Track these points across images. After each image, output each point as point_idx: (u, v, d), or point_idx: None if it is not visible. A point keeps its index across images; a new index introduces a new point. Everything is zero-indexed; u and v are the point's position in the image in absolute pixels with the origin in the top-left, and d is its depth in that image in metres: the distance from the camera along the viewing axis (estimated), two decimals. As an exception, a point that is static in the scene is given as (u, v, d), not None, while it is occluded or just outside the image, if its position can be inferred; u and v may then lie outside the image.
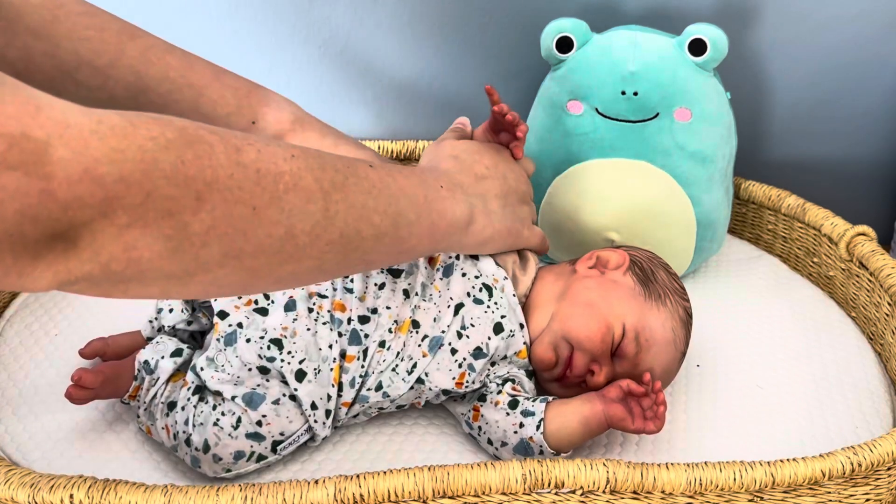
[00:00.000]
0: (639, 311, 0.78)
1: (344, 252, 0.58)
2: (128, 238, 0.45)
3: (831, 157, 1.14)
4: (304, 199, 0.54)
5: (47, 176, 0.41)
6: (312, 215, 0.55)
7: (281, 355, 0.73)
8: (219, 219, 0.49)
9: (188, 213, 0.47)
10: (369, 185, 0.60)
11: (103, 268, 0.46)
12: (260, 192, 0.51)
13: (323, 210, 0.55)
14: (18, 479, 0.65)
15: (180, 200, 0.47)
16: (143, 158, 0.45)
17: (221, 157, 0.49)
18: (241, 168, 0.50)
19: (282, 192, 0.52)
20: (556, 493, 0.67)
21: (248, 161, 0.51)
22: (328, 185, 0.56)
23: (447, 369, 0.76)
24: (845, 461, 0.68)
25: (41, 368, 0.85)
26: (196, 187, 0.47)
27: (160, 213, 0.46)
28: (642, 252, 0.86)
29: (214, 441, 0.71)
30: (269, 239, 0.52)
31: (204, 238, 0.49)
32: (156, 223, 0.46)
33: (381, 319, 0.76)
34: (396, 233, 0.63)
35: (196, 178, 0.47)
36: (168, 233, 0.47)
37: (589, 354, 0.77)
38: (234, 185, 0.49)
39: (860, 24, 1.03)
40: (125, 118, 0.45)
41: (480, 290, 0.78)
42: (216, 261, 0.50)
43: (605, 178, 0.93)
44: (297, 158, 0.54)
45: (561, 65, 0.92)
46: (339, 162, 0.58)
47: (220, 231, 0.49)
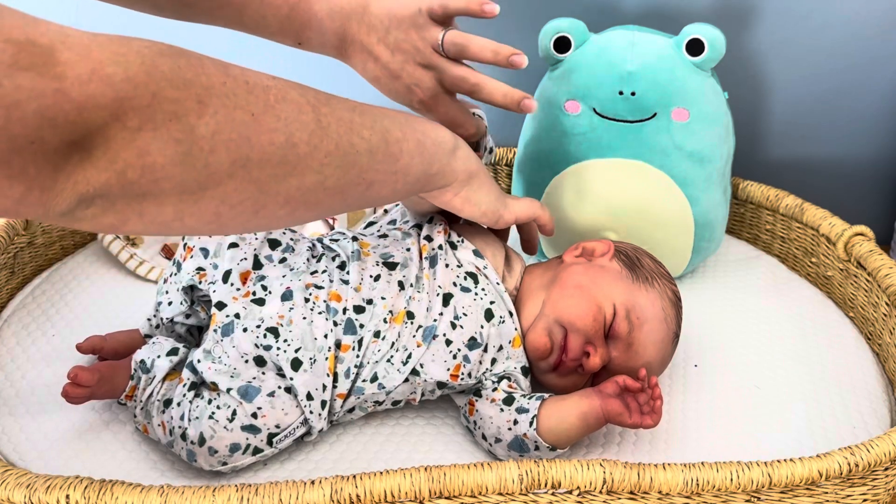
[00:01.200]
0: (627, 291, 0.80)
1: (343, 166, 0.61)
2: (140, 143, 0.47)
3: (830, 158, 1.14)
4: (296, 109, 0.57)
5: (59, 76, 0.43)
6: (307, 125, 0.57)
7: (277, 343, 0.74)
8: (222, 123, 0.51)
9: (193, 116, 0.49)
10: (352, 104, 0.63)
11: (119, 176, 0.47)
12: (254, 101, 0.54)
13: (315, 120, 0.58)
14: (15, 480, 0.65)
15: (184, 103, 0.49)
16: (144, 61, 0.47)
17: (211, 68, 0.52)
18: (231, 78, 0.53)
19: (273, 101, 0.55)
20: (552, 494, 0.67)
21: (237, 73, 0.54)
22: (314, 100, 0.59)
23: (442, 360, 0.76)
24: (842, 461, 0.68)
25: (38, 369, 0.85)
26: (195, 91, 0.50)
27: (167, 115, 0.48)
28: (626, 244, 0.88)
29: (210, 434, 0.71)
30: (271, 147, 0.55)
31: (211, 142, 0.51)
32: (164, 126, 0.48)
33: (376, 310, 0.76)
34: (388, 149, 0.65)
35: (194, 82, 0.50)
36: (178, 136, 0.49)
37: (583, 336, 0.77)
38: (229, 91, 0.52)
39: (858, 24, 1.03)
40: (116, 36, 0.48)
41: (465, 279, 0.79)
42: (225, 170, 0.52)
43: (602, 178, 0.93)
44: (278, 80, 0.57)
45: (558, 65, 0.92)
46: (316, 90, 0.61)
47: (224, 136, 0.51)
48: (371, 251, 0.81)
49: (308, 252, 0.81)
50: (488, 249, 0.83)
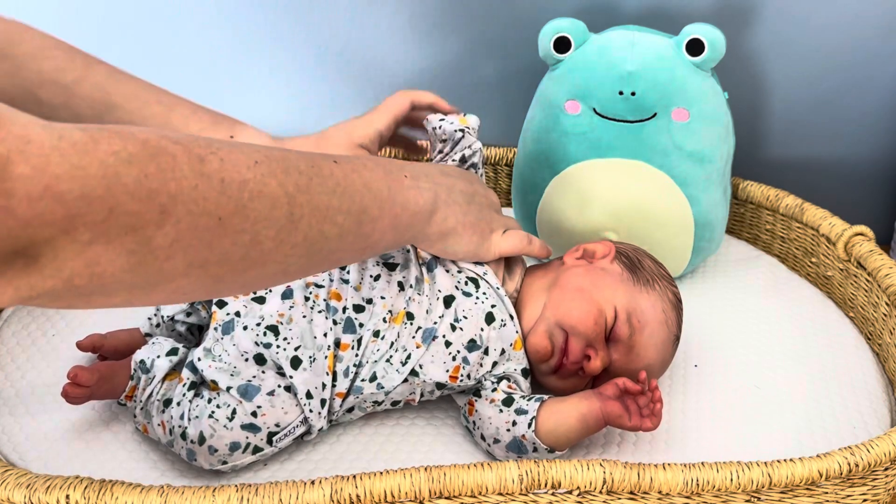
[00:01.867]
0: (628, 294, 0.79)
1: (308, 254, 0.58)
2: (90, 254, 0.45)
3: (830, 157, 1.14)
4: (269, 205, 0.54)
5: (7, 192, 0.41)
6: (277, 221, 0.55)
7: (277, 341, 0.74)
8: (183, 231, 0.49)
9: (152, 228, 0.47)
10: (333, 183, 0.60)
11: (66, 283, 0.45)
12: (225, 202, 0.51)
13: (288, 215, 0.55)
14: (15, 480, 0.65)
15: (144, 215, 0.46)
16: (105, 174, 0.44)
17: (185, 169, 0.49)
18: (204, 179, 0.50)
19: (247, 200, 0.52)
20: (552, 494, 0.67)
21: (212, 171, 0.50)
22: (292, 189, 0.56)
23: (441, 362, 0.76)
24: (842, 461, 0.68)
25: (38, 369, 0.85)
26: (160, 200, 0.47)
27: (123, 228, 0.46)
28: (627, 245, 0.88)
29: (210, 433, 0.71)
30: (234, 247, 0.52)
31: (168, 251, 0.48)
32: (119, 239, 0.46)
33: (376, 309, 0.77)
34: (359, 230, 0.63)
35: (159, 192, 0.47)
36: (131, 247, 0.47)
37: (584, 339, 0.77)
38: (198, 196, 0.49)
39: (858, 24, 1.03)
40: (87, 133, 0.45)
41: (467, 284, 0.79)
42: (180, 271, 0.50)
43: (602, 178, 0.93)
44: (260, 165, 0.54)
45: (559, 65, 0.92)
46: (302, 162, 0.58)
47: (184, 243, 0.49)
48: (371, 252, 0.81)
49: None
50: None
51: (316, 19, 1.09)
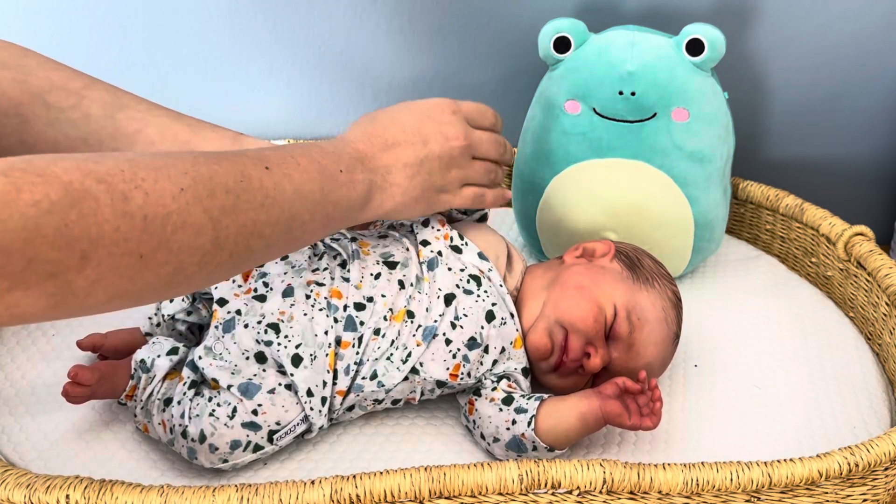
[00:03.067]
0: (628, 292, 0.80)
1: (233, 266, 0.59)
2: (9, 299, 0.46)
3: (830, 157, 1.14)
4: (194, 234, 0.54)
5: None
6: (202, 247, 0.55)
7: (278, 339, 0.74)
8: (104, 272, 0.49)
9: (72, 272, 0.48)
10: (262, 196, 0.60)
11: None
12: (147, 239, 0.51)
13: (213, 240, 0.55)
14: (14, 480, 0.65)
15: (64, 262, 0.47)
16: (25, 227, 0.45)
17: (107, 212, 0.49)
18: (127, 219, 0.50)
19: (170, 233, 0.52)
20: (552, 494, 0.67)
21: (135, 209, 0.50)
22: (218, 213, 0.56)
23: (441, 360, 0.76)
24: (842, 461, 0.68)
25: (38, 369, 0.85)
26: (81, 247, 0.47)
27: (43, 275, 0.46)
28: (627, 244, 0.88)
29: (210, 431, 0.71)
30: (156, 279, 0.53)
31: (88, 290, 0.49)
32: (38, 285, 0.46)
33: (377, 307, 0.77)
34: (289, 235, 0.63)
35: (80, 238, 0.47)
36: (51, 291, 0.47)
37: (583, 337, 0.77)
38: (120, 238, 0.49)
39: (859, 23, 1.03)
40: (9, 179, 0.45)
41: (469, 282, 0.79)
42: (102, 302, 0.51)
43: (602, 177, 0.93)
44: (186, 192, 0.54)
45: (558, 65, 0.92)
46: (231, 178, 0.58)
47: (105, 282, 0.50)
48: (371, 250, 0.81)
49: (310, 250, 0.81)
50: (490, 250, 0.83)
51: (316, 19, 1.08)
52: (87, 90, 0.73)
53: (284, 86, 1.13)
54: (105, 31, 1.09)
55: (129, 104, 0.74)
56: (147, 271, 0.52)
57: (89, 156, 0.51)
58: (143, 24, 1.09)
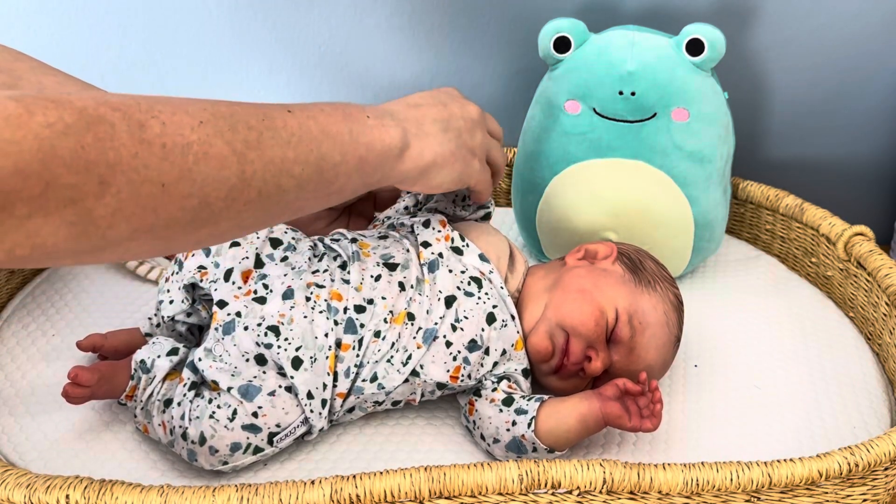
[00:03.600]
0: (630, 295, 0.79)
1: (264, 207, 0.57)
2: (30, 227, 0.45)
3: (830, 157, 1.14)
4: (217, 166, 0.52)
5: None
6: (227, 181, 0.53)
7: (278, 342, 0.74)
8: (125, 201, 0.48)
9: (91, 199, 0.46)
10: (288, 134, 0.58)
11: (7, 254, 0.45)
12: (168, 168, 0.49)
13: (238, 174, 0.54)
14: (14, 480, 0.65)
15: (82, 187, 0.46)
16: (41, 147, 0.44)
17: (124, 137, 0.48)
18: (145, 146, 0.49)
19: (191, 163, 0.51)
20: (552, 494, 0.67)
21: (153, 137, 0.49)
22: (241, 146, 0.54)
23: (442, 362, 0.76)
24: (842, 461, 0.68)
25: (38, 369, 0.85)
26: (98, 171, 0.46)
27: (62, 201, 0.45)
28: (629, 245, 0.88)
29: (210, 433, 0.71)
30: (181, 212, 0.51)
31: (110, 220, 0.48)
32: (58, 212, 0.45)
33: (377, 309, 0.76)
34: (321, 177, 0.61)
35: (98, 162, 0.46)
36: (71, 219, 0.46)
37: (584, 340, 0.77)
38: (139, 164, 0.48)
39: (859, 23, 1.03)
40: (22, 104, 0.44)
41: (469, 284, 0.79)
42: (126, 236, 0.49)
43: (602, 178, 0.93)
44: (205, 124, 0.52)
45: (559, 65, 0.92)
46: (253, 116, 0.56)
47: (127, 212, 0.48)
48: (371, 252, 0.81)
49: (310, 251, 0.81)
50: (492, 251, 0.83)
51: (316, 19, 1.09)
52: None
53: (284, 86, 1.13)
54: (105, 31, 1.09)
55: None
56: (170, 203, 0.50)
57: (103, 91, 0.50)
58: (143, 24, 1.09)
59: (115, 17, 1.09)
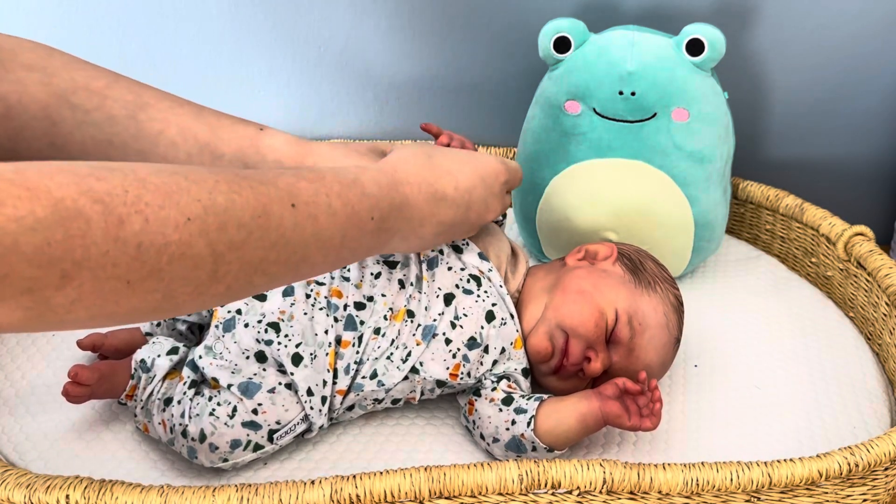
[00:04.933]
0: (630, 296, 0.79)
1: (229, 297, 0.56)
2: None
3: (830, 157, 1.14)
4: (191, 266, 0.51)
5: None
6: (197, 278, 0.52)
7: (278, 338, 0.74)
8: (87, 293, 0.47)
9: (50, 290, 0.45)
10: (278, 236, 0.56)
11: None
12: (138, 267, 0.48)
13: (211, 273, 0.52)
14: (14, 480, 0.65)
15: (42, 280, 0.45)
16: (2, 242, 0.43)
17: (97, 235, 0.46)
18: (119, 244, 0.47)
19: (164, 263, 0.49)
20: (552, 494, 0.67)
21: (130, 235, 0.48)
22: (224, 248, 0.52)
23: (441, 359, 0.77)
24: (842, 461, 0.68)
25: (38, 369, 0.85)
26: (62, 266, 0.45)
27: (18, 290, 0.44)
28: (629, 246, 0.88)
29: (211, 430, 0.71)
30: (143, 303, 0.50)
31: (69, 308, 0.47)
32: (13, 298, 0.45)
33: (377, 307, 0.77)
34: (295, 274, 0.59)
35: (63, 259, 0.45)
36: (28, 305, 0.45)
37: (584, 341, 0.77)
38: (107, 262, 0.47)
39: (859, 23, 1.03)
40: None
41: (469, 281, 0.79)
42: (83, 321, 0.49)
43: (602, 178, 0.93)
44: (192, 222, 0.51)
45: (559, 65, 0.92)
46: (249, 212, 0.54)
47: (87, 303, 0.47)
48: (371, 250, 0.81)
49: None
50: (492, 250, 0.83)
51: (316, 19, 1.08)
52: (110, 89, 0.71)
53: (284, 86, 1.13)
54: (105, 31, 1.09)
55: (151, 102, 0.72)
56: (133, 297, 0.49)
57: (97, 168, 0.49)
58: (143, 24, 1.09)
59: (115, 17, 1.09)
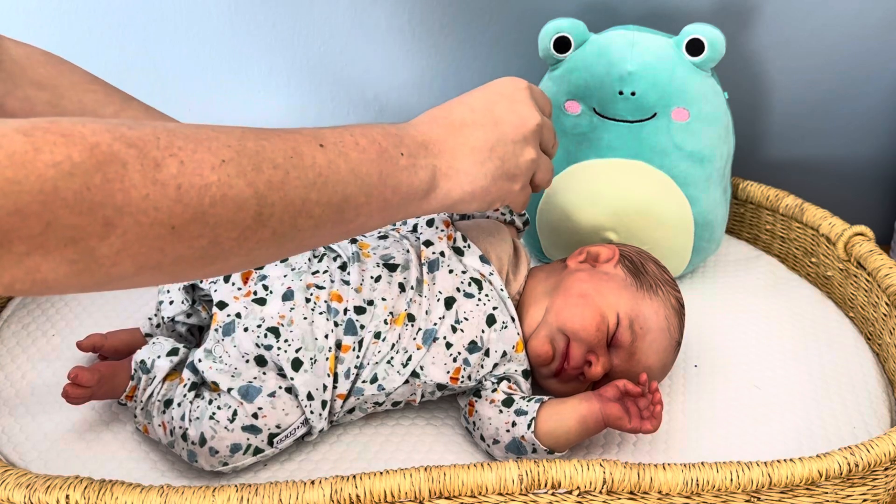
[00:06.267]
0: (631, 300, 0.79)
1: (277, 244, 0.55)
2: (29, 264, 0.44)
3: (830, 157, 1.14)
4: (234, 208, 0.51)
5: None
6: (242, 221, 0.51)
7: (278, 343, 0.74)
8: (131, 241, 0.47)
9: (94, 239, 0.45)
10: (314, 174, 0.56)
11: (7, 288, 0.45)
12: (180, 210, 0.48)
13: (255, 215, 0.52)
14: (14, 480, 0.65)
15: (85, 228, 0.45)
16: (42, 189, 0.43)
17: (136, 177, 0.46)
18: (158, 186, 0.47)
19: (207, 206, 0.49)
20: (552, 494, 0.67)
21: (168, 178, 0.47)
22: (264, 188, 0.52)
23: (442, 363, 0.76)
24: (842, 461, 0.68)
25: (38, 369, 0.85)
26: (104, 213, 0.45)
27: (62, 240, 0.44)
28: (631, 247, 0.88)
29: (211, 434, 0.71)
30: (189, 250, 0.50)
31: (114, 259, 0.47)
32: (58, 250, 0.45)
33: (377, 311, 0.76)
34: (340, 217, 0.59)
35: (104, 204, 0.45)
36: (72, 257, 0.45)
37: (585, 345, 0.77)
38: (149, 206, 0.47)
39: (859, 23, 1.03)
40: (30, 139, 0.44)
41: (469, 285, 0.79)
42: (130, 273, 0.48)
43: (602, 178, 0.93)
44: (227, 164, 0.50)
45: (559, 65, 0.92)
46: (280, 152, 0.54)
47: (132, 251, 0.47)
48: (371, 252, 0.81)
49: (309, 252, 0.81)
50: (494, 252, 0.83)
51: (316, 19, 1.08)
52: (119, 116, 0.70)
53: (284, 86, 1.13)
54: (105, 31, 1.09)
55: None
56: (179, 243, 0.48)
57: (125, 121, 0.48)
58: (143, 24, 1.09)
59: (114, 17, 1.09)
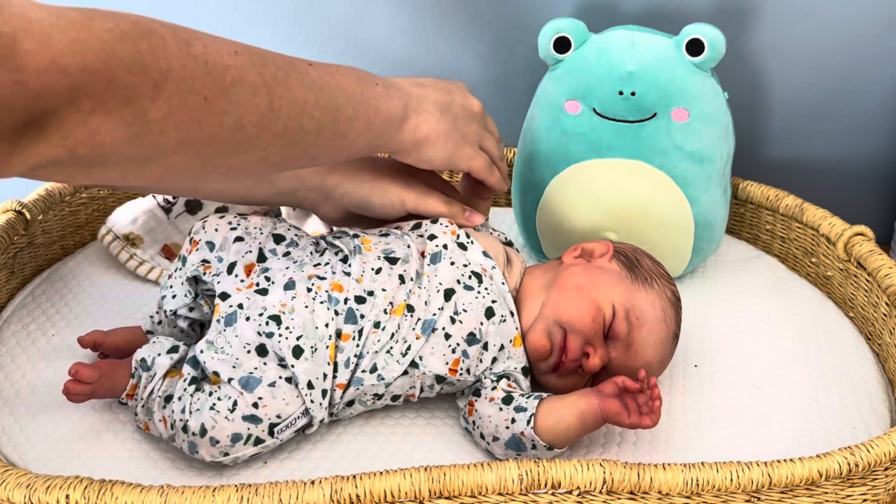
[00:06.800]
0: (627, 292, 0.80)
1: (288, 144, 0.63)
2: (92, 124, 0.49)
3: (830, 157, 1.14)
4: (250, 91, 0.58)
5: (18, 68, 0.45)
6: (258, 107, 0.59)
7: (279, 330, 0.74)
8: (175, 107, 0.53)
9: (146, 101, 0.51)
10: (310, 81, 0.64)
11: (70, 151, 0.50)
12: (210, 83, 0.55)
13: (268, 104, 0.60)
14: (14, 480, 0.65)
15: (139, 88, 0.50)
16: (103, 49, 0.48)
17: (173, 49, 0.53)
18: (191, 60, 0.54)
19: (229, 84, 0.56)
20: (552, 494, 0.67)
21: (198, 53, 0.54)
22: (271, 80, 0.60)
23: (441, 354, 0.77)
24: (842, 461, 0.68)
25: (38, 369, 0.85)
26: (153, 76, 0.51)
27: (121, 100, 0.50)
28: (626, 244, 0.88)
29: (211, 424, 0.71)
30: (220, 128, 0.57)
31: (161, 125, 0.53)
32: (117, 110, 0.50)
33: (377, 301, 0.77)
34: (336, 127, 0.67)
35: (152, 67, 0.51)
36: (129, 119, 0.51)
37: (582, 337, 0.78)
38: (186, 75, 0.53)
39: (859, 23, 1.03)
40: (82, 12, 0.49)
41: (470, 278, 0.79)
42: (172, 147, 0.55)
43: (602, 178, 0.93)
44: (240, 55, 0.58)
45: (558, 65, 0.92)
46: (280, 59, 0.62)
47: (176, 119, 0.53)
48: (373, 247, 0.81)
49: (312, 246, 0.82)
50: (490, 251, 0.83)
51: (316, 19, 1.09)
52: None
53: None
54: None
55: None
56: (212, 116, 0.55)
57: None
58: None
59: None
